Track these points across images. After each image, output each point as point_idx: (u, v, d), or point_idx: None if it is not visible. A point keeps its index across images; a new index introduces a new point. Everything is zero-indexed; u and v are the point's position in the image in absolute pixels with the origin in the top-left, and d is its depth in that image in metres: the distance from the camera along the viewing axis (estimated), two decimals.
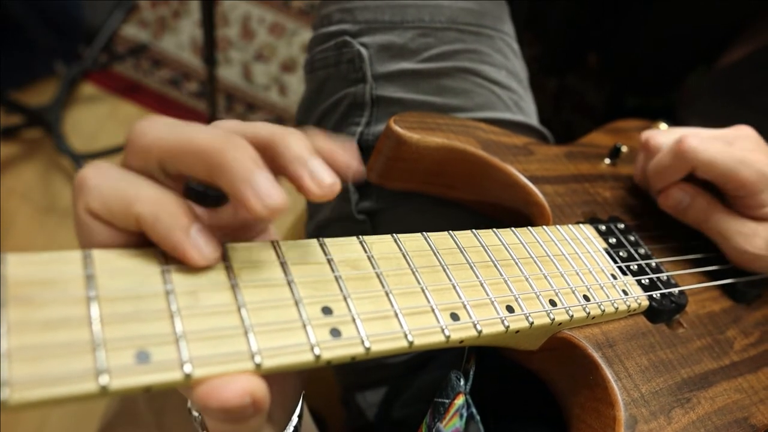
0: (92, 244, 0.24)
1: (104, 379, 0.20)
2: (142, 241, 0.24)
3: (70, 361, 0.20)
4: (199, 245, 0.23)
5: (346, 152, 0.28)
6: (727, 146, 0.41)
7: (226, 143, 0.23)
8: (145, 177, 0.24)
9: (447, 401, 0.32)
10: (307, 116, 0.60)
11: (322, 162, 0.26)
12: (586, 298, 0.34)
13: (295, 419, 0.31)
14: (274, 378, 0.29)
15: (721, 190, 0.43)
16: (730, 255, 0.44)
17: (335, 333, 0.25)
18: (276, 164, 0.26)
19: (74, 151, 1.19)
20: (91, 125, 1.27)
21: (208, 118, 1.29)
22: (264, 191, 0.23)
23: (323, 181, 0.25)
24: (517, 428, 0.38)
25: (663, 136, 0.45)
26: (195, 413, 0.32)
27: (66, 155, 1.18)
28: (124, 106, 1.30)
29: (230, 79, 1.36)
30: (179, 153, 0.24)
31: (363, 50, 0.52)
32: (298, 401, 0.31)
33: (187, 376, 0.21)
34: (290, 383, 0.31)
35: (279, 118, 1.34)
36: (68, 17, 1.25)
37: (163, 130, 0.24)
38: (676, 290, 0.40)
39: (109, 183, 0.23)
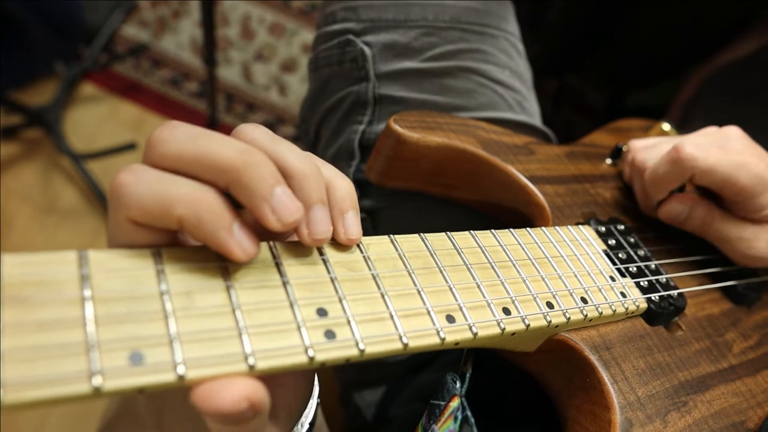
0: (132, 246, 0.24)
1: (97, 381, 0.20)
2: (181, 238, 0.26)
3: (64, 362, 0.20)
4: (241, 242, 0.24)
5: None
6: (723, 151, 0.41)
7: (246, 159, 0.24)
8: (180, 174, 0.24)
9: (442, 403, 0.32)
10: (310, 114, 0.60)
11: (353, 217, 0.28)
12: (583, 300, 0.34)
13: (306, 425, 0.30)
14: (277, 378, 0.28)
15: (719, 195, 0.42)
16: (735, 259, 0.43)
17: (330, 335, 0.25)
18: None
19: (74, 151, 1.19)
20: (91, 125, 1.27)
21: (208, 118, 1.29)
22: (281, 208, 0.24)
23: (322, 235, 0.27)
24: (512, 430, 0.38)
25: (645, 152, 0.45)
26: None
27: (66, 155, 1.18)
28: (124, 106, 1.30)
29: (230, 79, 1.36)
30: (199, 166, 0.24)
31: (366, 49, 0.52)
32: (307, 401, 0.31)
33: (181, 378, 0.21)
34: (296, 382, 0.31)
35: (279, 118, 1.34)
36: (68, 17, 1.25)
37: (183, 140, 0.24)
38: (675, 292, 0.39)
39: (145, 187, 0.23)
